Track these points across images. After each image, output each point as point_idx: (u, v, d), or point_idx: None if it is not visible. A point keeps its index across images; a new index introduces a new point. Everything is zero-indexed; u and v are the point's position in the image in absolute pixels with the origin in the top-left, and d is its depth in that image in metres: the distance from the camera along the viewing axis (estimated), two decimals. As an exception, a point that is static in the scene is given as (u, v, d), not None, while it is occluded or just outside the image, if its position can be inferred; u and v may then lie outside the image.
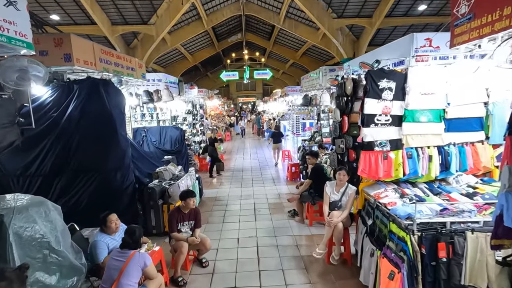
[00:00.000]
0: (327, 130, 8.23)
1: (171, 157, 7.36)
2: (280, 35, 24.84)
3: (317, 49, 24.83)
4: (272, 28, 24.43)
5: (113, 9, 15.91)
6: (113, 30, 17.37)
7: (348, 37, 20.09)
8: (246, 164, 11.20)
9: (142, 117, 11.41)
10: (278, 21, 20.44)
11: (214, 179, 9.30)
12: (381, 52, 6.17)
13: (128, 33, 18.73)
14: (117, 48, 18.14)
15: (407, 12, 16.71)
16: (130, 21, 17.57)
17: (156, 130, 8.23)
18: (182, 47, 23.43)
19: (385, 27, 18.61)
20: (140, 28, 18.11)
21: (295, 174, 8.67)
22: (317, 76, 10.42)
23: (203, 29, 20.80)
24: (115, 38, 17.72)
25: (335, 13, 17.94)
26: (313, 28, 20.73)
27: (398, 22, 17.82)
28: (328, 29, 18.38)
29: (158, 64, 24.71)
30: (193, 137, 11.45)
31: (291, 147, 11.30)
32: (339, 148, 5.43)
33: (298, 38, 23.96)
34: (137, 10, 16.69)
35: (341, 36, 19.55)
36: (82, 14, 15.57)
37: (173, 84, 10.94)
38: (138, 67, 7.71)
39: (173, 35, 20.60)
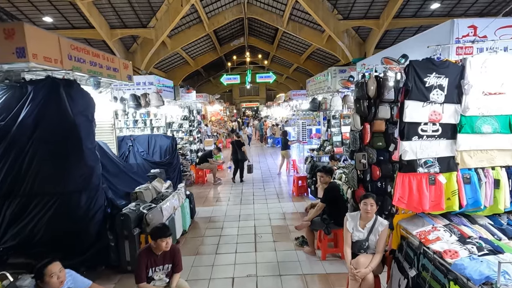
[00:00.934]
0: (339, 138, 7.08)
1: (159, 171, 6.26)
2: (283, 38, 23.88)
3: (322, 53, 23.80)
4: (275, 31, 23.51)
5: (111, 12, 15.08)
6: (111, 34, 16.55)
7: (354, 39, 19.09)
8: (247, 175, 10.03)
9: (134, 123, 10.35)
10: (282, 23, 19.52)
11: (211, 193, 8.17)
12: (411, 45, 5.03)
13: (127, 37, 17.91)
14: (116, 53, 17.31)
15: (417, 13, 15.68)
16: (129, 25, 16.73)
17: (144, 139, 7.16)
18: (183, 51, 22.56)
19: (393, 29, 17.54)
20: (139, 31, 17.28)
21: (302, 188, 7.52)
22: (325, 78, 9.31)
23: (204, 33, 19.96)
24: (113, 42, 16.89)
25: (340, 14, 17.00)
26: (317, 30, 19.79)
27: (407, 24, 16.79)
28: (334, 31, 17.50)
29: (159, 69, 23.82)
30: (190, 146, 10.36)
31: (296, 155, 10.15)
32: (359, 164, 4.28)
33: (302, 41, 23.01)
34: (136, 13, 15.82)
35: (347, 38, 18.59)
36: (79, 17, 14.76)
37: (168, 88, 9.89)
38: (123, 67, 6.66)
39: (173, 39, 19.76)
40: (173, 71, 25.87)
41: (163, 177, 6.38)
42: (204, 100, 17.06)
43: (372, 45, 17.80)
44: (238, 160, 9.19)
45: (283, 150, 9.81)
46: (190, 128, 10.40)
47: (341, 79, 7.08)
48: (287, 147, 9.67)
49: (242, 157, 9.17)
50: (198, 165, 9.10)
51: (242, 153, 9.14)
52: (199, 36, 20.19)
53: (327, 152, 7.10)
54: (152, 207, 4.48)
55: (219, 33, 23.97)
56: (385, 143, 4.26)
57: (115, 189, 4.81)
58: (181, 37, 19.85)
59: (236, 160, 9.24)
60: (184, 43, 20.22)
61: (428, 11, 15.17)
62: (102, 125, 6.62)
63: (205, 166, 9.05)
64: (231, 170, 9.55)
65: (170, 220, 4.89)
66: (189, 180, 8.99)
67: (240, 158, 9.16)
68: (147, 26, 16.88)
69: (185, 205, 5.62)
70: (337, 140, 7.07)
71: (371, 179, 4.32)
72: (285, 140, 9.75)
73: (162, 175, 6.32)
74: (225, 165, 10.81)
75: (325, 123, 8.58)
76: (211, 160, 9.06)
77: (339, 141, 7.08)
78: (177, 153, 7.39)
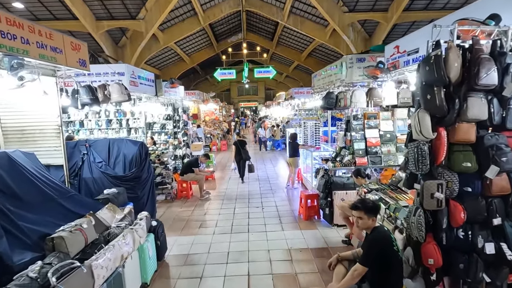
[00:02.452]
0: (362, 145, 5.17)
1: (117, 191, 4.34)
2: (283, 34, 22.02)
3: (324, 49, 22.00)
4: (275, 26, 21.66)
5: (97, 2, 13.23)
6: (97, 26, 14.69)
7: (360, 34, 17.30)
8: (242, 186, 8.11)
9: (107, 124, 8.40)
10: (282, 17, 17.69)
11: (194, 213, 6.22)
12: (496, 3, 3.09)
13: (115, 30, 16.04)
14: (104, 47, 15.42)
15: (428, 5, 14.07)
16: (117, 16, 14.88)
17: (104, 146, 5.23)
18: (177, 47, 20.68)
19: (402, 23, 15.77)
20: (127, 23, 15.43)
21: (312, 210, 5.60)
22: (338, 69, 7.37)
23: (199, 26, 18.14)
24: (100, 35, 15.06)
25: (346, 6, 15.36)
26: (320, 24, 18.03)
27: (418, 17, 15.10)
28: (339, 24, 15.84)
29: (152, 66, 21.90)
30: (174, 151, 8.42)
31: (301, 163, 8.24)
32: (430, 200, 2.36)
33: (303, 37, 21.23)
34: (124, 3, 14.01)
35: (352, 33, 16.82)
36: (61, 7, 12.95)
37: (147, 82, 7.94)
38: (72, 48, 4.74)
39: (166, 33, 17.93)
40: (168, 69, 23.97)
41: (122, 199, 4.45)
42: (197, 98, 15.11)
43: (379, 40, 16.13)
44: (241, 160, 8.80)
45: (291, 157, 7.82)
46: (175, 130, 8.45)
47: (366, 67, 5.14)
48: (296, 154, 7.69)
49: (245, 157, 8.78)
50: (181, 176, 7.16)
51: (245, 152, 8.75)
52: (193, 30, 18.39)
53: (347, 164, 5.16)
54: (74, 267, 2.54)
55: (216, 28, 22.10)
56: (476, 163, 2.34)
57: (26, 231, 2.87)
58: (174, 31, 18.02)
59: (239, 161, 8.83)
60: (178, 38, 18.40)
61: (441, 3, 13.51)
62: (44, 127, 4.74)
63: (189, 177, 7.12)
64: (236, 170, 9.07)
65: (114, 279, 2.97)
66: (170, 194, 7.05)
67: (244, 158, 8.77)
68: (136, 17, 15.05)
69: (146, 247, 3.69)
70: (359, 147, 5.15)
71: (449, 226, 2.41)
72: (295, 145, 7.76)
73: (119, 198, 4.40)
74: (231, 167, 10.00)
75: (340, 124, 6.69)
76: (196, 170, 7.11)
77: (362, 149, 5.16)
78: (149, 164, 5.45)
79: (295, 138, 7.89)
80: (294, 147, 7.73)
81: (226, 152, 14.79)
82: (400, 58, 4.87)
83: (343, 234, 4.78)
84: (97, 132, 8.41)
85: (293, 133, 8.00)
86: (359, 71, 6.76)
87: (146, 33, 15.74)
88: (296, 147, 7.73)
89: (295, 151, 7.70)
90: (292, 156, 7.78)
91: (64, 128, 8.98)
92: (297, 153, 7.70)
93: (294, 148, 7.68)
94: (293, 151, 7.71)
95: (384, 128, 5.23)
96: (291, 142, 7.86)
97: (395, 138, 5.24)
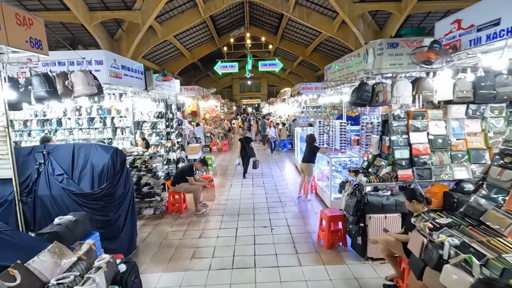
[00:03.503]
0: (405, 154, 3.81)
1: (73, 220, 3.02)
2: (288, 27, 20.56)
3: (331, 43, 20.52)
4: (280, 20, 20.18)
5: (89, -9, 11.85)
6: (90, 17, 13.32)
7: (370, 27, 15.88)
8: (246, 196, 6.77)
9: (89, 123, 7.08)
10: (287, 9, 16.22)
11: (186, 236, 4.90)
12: None
13: (110, 22, 14.68)
14: (98, 40, 14.07)
15: (445, -6, 12.64)
16: (111, 6, 13.52)
17: (66, 152, 3.92)
18: (177, 41, 19.29)
19: (416, 14, 14.34)
20: (122, 14, 14.05)
21: (337, 235, 4.27)
22: (361, 58, 6.00)
23: (200, 18, 16.71)
24: (94, 27, 13.71)
25: (357, -5, 13.79)
26: (328, 16, 16.59)
27: (433, 7, 13.66)
28: (349, 16, 14.41)
29: (150, 61, 20.51)
30: (167, 154, 7.10)
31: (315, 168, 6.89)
32: None
33: (308, 31, 19.80)
34: (118, -8, 12.50)
35: (363, 25, 15.39)
36: (53, -3, 11.51)
37: (135, 74, 6.60)
38: (19, 23, 3.45)
39: (164, 25, 16.55)
40: (167, 64, 22.56)
41: (81, 230, 3.13)
42: (197, 94, 13.73)
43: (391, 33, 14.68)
44: (246, 156, 8.62)
45: (305, 163, 6.39)
46: (168, 130, 7.11)
47: (414, 49, 3.76)
48: (313, 159, 6.29)
49: (250, 154, 8.63)
50: (173, 187, 5.82)
51: (250, 149, 8.60)
52: (193, 23, 16.96)
53: (385, 179, 3.80)
54: None
55: (217, 22, 20.65)
56: None
57: None
58: (173, 23, 16.62)
59: (244, 157, 8.64)
60: (177, 30, 16.98)
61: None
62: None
63: (182, 188, 5.78)
64: (240, 166, 8.84)
65: None
66: (159, 208, 5.72)
67: (249, 155, 8.61)
68: (132, 8, 13.68)
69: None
70: (402, 156, 3.80)
71: None
72: (314, 149, 6.32)
73: (77, 228, 3.08)
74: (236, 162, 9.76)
75: (373, 126, 5.32)
76: (191, 179, 5.76)
77: (406, 158, 3.80)
78: (127, 176, 4.13)
79: (313, 140, 6.44)
80: (312, 151, 6.30)
81: (228, 153, 13.38)
82: (463, 36, 3.50)
83: (384, 275, 3.46)
84: (77, 132, 7.09)
85: (310, 134, 6.53)
86: (391, 59, 5.38)
87: (142, 24, 14.42)
88: (315, 151, 6.30)
89: (313, 156, 6.32)
90: (307, 162, 6.35)
91: (39, 128, 7.69)
92: (313, 159, 6.31)
93: (312, 153, 6.28)
94: (310, 156, 6.30)
95: (434, 131, 3.88)
96: (308, 145, 6.41)
97: (449, 145, 3.89)
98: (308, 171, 6.33)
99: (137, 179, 5.67)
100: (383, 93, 3.88)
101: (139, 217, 5.62)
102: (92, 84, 3.85)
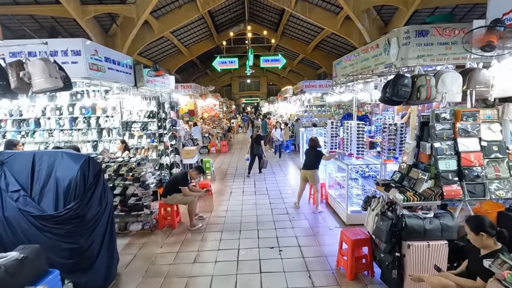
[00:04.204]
0: (452, 165, 2.97)
1: (19, 259, 2.17)
2: (289, 24, 19.66)
3: (333, 40, 19.65)
4: (280, 16, 19.26)
5: (81, -18, 10.95)
6: (83, 11, 12.39)
7: (375, 23, 15.03)
8: (248, 207, 5.92)
9: (71, 123, 6.20)
10: (289, 3, 15.33)
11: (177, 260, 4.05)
12: None
13: (104, 16, 13.74)
14: (92, 36, 13.14)
15: (454, -12, 11.82)
16: (104, 0, 12.48)
17: (25, 163, 3.06)
18: (175, 37, 18.37)
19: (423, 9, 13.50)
20: (116, 8, 13.10)
21: (361, 262, 3.44)
22: (382, 50, 5.17)
23: (197, 14, 15.82)
24: (87, 21, 12.76)
25: (362, -11, 12.93)
26: (331, 12, 15.74)
27: (442, 2, 12.76)
28: (353, 10, 13.60)
29: (147, 58, 19.54)
30: (160, 158, 6.24)
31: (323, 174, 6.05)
32: None
33: (310, 27, 18.92)
34: (112, -16, 11.59)
35: (367, 20, 14.56)
36: (42, -11, 10.58)
37: (122, 68, 5.72)
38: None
39: (161, 21, 15.62)
40: (165, 61, 21.58)
41: (31, 270, 2.28)
42: (194, 92, 12.83)
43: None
44: (252, 155, 8.47)
45: (308, 170, 5.55)
46: (160, 131, 6.24)
47: (467, 34, 2.91)
48: (316, 165, 5.47)
49: (257, 153, 8.43)
50: (164, 198, 4.95)
51: (258, 148, 8.36)
52: (191, 18, 16.01)
53: (427, 196, 2.96)
54: None
55: (216, 18, 19.72)
56: None
57: None
58: (170, 19, 15.67)
59: (253, 155, 8.48)
60: (174, 26, 16.03)
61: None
62: None
63: (175, 200, 4.91)
64: (248, 161, 8.58)
65: None
66: (148, 223, 4.86)
67: (255, 153, 8.44)
68: (126, 1, 12.75)
69: None
70: (448, 168, 2.96)
71: None
72: (317, 154, 5.52)
73: (25, 269, 2.23)
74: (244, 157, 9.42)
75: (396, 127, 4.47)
76: (185, 190, 4.89)
77: (453, 170, 2.97)
78: (104, 190, 3.27)
79: (317, 143, 5.62)
80: (316, 156, 5.47)
81: (227, 154, 12.42)
82: None
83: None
84: (58, 134, 6.21)
85: (313, 138, 5.68)
86: (418, 49, 4.56)
87: (137, 19, 13.53)
88: (318, 156, 5.47)
89: (317, 161, 5.48)
90: (312, 168, 5.48)
91: (15, 129, 6.76)
92: (318, 165, 5.49)
93: (317, 158, 5.45)
94: (314, 161, 5.46)
95: (487, 136, 3.04)
96: (310, 150, 5.58)
97: (507, 154, 3.05)
98: (313, 179, 5.49)
99: (123, 189, 4.81)
100: (427, 88, 3.03)
101: (124, 234, 4.76)
102: (56, 76, 2.98)
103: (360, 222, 4.61)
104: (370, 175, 4.77)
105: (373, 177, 4.80)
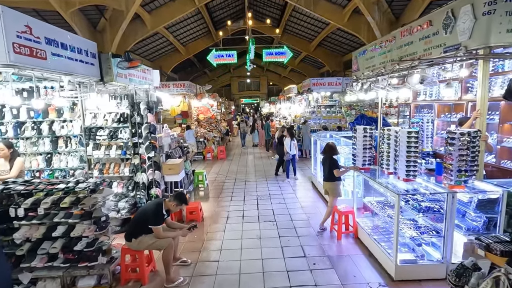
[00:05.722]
0: None
1: None
2: (291, 20, 18.04)
3: (338, 37, 18.03)
4: (282, 11, 17.62)
5: (63, -29, 9.31)
6: (66, 3, 10.81)
7: (385, 16, 13.42)
8: (250, 244, 4.26)
9: (16, 130, 4.53)
10: (292, -3, 13.76)
11: None
12: None
13: (91, 10, 12.12)
14: (78, 31, 11.51)
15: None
16: (90, -10, 10.85)
17: None
18: (170, 34, 16.75)
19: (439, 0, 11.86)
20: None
21: None
22: (441, 27, 3.55)
23: (193, 7, 14.24)
24: (71, 14, 11.18)
25: (373, -22, 11.35)
26: (337, 5, 14.15)
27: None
28: (363, 2, 12.04)
29: (141, 56, 17.85)
30: (135, 175, 4.60)
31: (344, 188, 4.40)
32: None
33: (314, 23, 17.30)
34: (97, -27, 9.96)
35: (378, 13, 12.98)
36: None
37: (79, 55, 4.08)
38: None
39: (154, 15, 13.99)
40: (161, 60, 19.92)
41: None
42: (188, 91, 11.18)
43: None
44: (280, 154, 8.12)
45: (327, 182, 4.42)
46: (135, 140, 4.60)
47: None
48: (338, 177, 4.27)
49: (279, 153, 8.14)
50: (128, 242, 3.30)
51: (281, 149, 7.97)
52: (186, 12, 14.36)
53: None
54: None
55: (214, 14, 18.07)
56: None
57: None
58: (164, 13, 14.02)
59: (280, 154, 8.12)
60: (168, 21, 14.36)
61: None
62: None
63: (144, 245, 3.26)
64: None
65: None
66: (106, 277, 3.22)
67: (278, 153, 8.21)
68: (114, -8, 11.15)
69: None
70: None
71: None
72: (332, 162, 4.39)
73: None
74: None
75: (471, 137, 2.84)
76: (158, 230, 3.24)
77: None
78: None
79: (334, 151, 4.39)
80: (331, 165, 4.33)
81: (225, 162, 10.55)
82: None
83: None
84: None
85: (330, 143, 4.48)
86: (510, 19, 2.94)
87: (127, 12, 11.90)
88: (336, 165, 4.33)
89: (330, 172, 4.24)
90: (330, 180, 4.35)
91: None
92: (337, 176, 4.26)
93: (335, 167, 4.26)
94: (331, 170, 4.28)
95: None
96: (325, 158, 4.42)
97: None
98: (333, 191, 4.36)
99: (66, 229, 3.18)
100: None
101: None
102: None
103: (415, 277, 3.00)
104: (429, 207, 3.11)
105: (435, 210, 3.14)
